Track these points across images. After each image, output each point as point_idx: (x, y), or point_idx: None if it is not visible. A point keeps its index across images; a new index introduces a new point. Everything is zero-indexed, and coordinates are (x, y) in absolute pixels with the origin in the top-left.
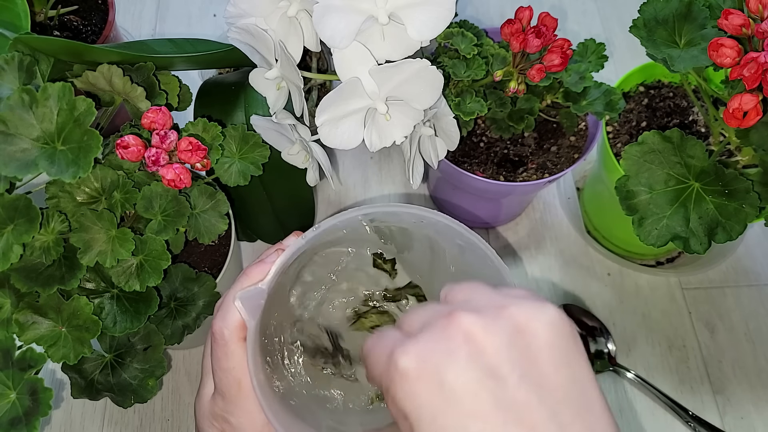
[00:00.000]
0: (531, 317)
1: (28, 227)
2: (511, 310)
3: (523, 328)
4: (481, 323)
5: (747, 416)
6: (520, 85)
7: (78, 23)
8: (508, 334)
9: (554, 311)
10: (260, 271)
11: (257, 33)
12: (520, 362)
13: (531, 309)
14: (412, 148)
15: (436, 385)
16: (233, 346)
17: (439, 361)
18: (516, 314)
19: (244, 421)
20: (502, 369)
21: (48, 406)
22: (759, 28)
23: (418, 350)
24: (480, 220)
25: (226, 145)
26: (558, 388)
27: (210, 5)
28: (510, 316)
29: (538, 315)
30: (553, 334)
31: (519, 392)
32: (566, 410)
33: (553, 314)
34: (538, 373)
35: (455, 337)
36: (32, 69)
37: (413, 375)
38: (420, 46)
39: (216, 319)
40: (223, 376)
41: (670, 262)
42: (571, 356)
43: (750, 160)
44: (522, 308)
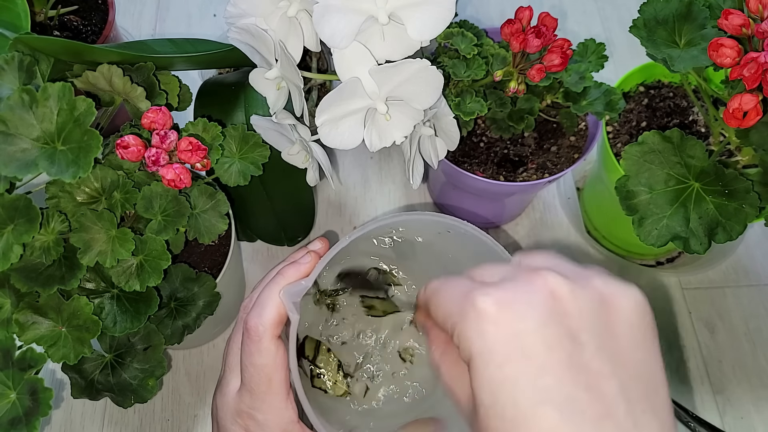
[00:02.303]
0: (617, 293)
1: (28, 227)
2: (598, 282)
3: (608, 301)
4: (568, 286)
5: (747, 416)
6: (520, 85)
7: (78, 23)
8: (593, 303)
9: (639, 294)
10: (296, 272)
11: (257, 33)
12: (600, 332)
13: (618, 286)
14: (412, 148)
15: (512, 332)
16: (267, 343)
17: (521, 310)
18: (603, 287)
19: (270, 418)
20: (582, 334)
21: (48, 406)
22: (759, 28)
23: (501, 295)
24: (480, 220)
25: (226, 145)
26: (632, 366)
27: (210, 5)
28: (597, 287)
29: (624, 292)
30: (636, 314)
31: (594, 360)
32: (636, 388)
33: (638, 296)
34: (616, 348)
35: (540, 292)
36: (32, 69)
37: (491, 317)
38: (420, 46)
39: (251, 314)
40: (254, 372)
41: (670, 262)
42: (648, 339)
43: (750, 160)
44: (609, 283)
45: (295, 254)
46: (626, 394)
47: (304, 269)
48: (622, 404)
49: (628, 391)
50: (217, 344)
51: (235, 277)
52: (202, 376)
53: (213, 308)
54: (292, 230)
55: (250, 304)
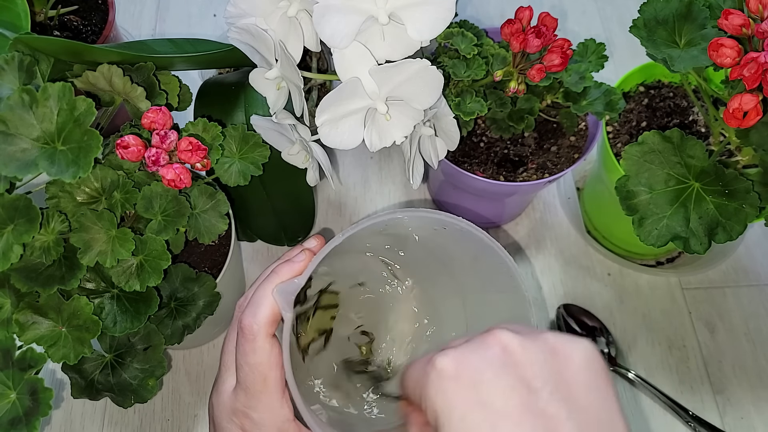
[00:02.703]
0: (566, 343)
1: (28, 227)
2: (547, 335)
3: (558, 351)
4: (518, 340)
5: (747, 416)
6: (520, 85)
7: (78, 23)
8: (543, 353)
9: (588, 343)
10: (290, 269)
11: (257, 33)
12: (553, 379)
13: (566, 338)
14: (412, 148)
15: (471, 386)
16: (261, 342)
17: (476, 365)
18: (552, 339)
19: (266, 417)
20: (535, 382)
21: (48, 406)
22: (759, 28)
23: (457, 355)
24: (480, 220)
25: (226, 145)
26: (587, 409)
27: (210, 5)
28: (546, 339)
29: (572, 343)
30: (586, 360)
31: (550, 405)
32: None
33: (586, 344)
34: (569, 392)
35: (493, 347)
36: (32, 69)
37: (449, 374)
38: (420, 46)
39: (245, 313)
40: (249, 371)
41: (670, 262)
42: (601, 382)
43: (750, 160)
44: (557, 337)
45: (290, 252)
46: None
47: (298, 267)
48: None
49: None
50: (217, 344)
51: (235, 277)
52: (202, 376)
53: (213, 308)
54: (292, 230)
55: (245, 303)
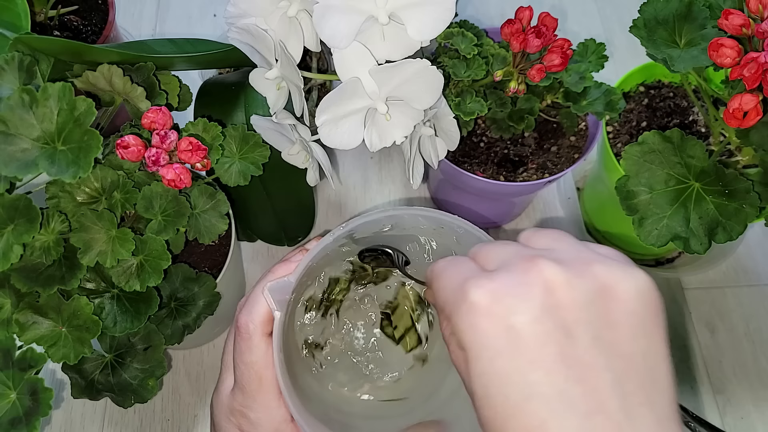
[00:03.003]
0: (619, 280)
1: (28, 227)
2: (598, 268)
3: (607, 289)
4: (564, 276)
5: (747, 416)
6: (520, 85)
7: (78, 23)
8: (590, 293)
9: (644, 278)
10: (286, 269)
11: (257, 33)
12: (596, 323)
13: (620, 272)
14: (412, 148)
15: (504, 327)
16: (257, 340)
17: (513, 304)
18: (603, 274)
19: (262, 416)
20: (576, 327)
21: (48, 406)
22: (759, 28)
23: (494, 287)
24: (480, 220)
25: (226, 145)
26: (629, 357)
27: (210, 5)
28: (596, 274)
29: (626, 278)
30: (638, 301)
31: (588, 353)
32: (632, 380)
33: (642, 281)
34: (613, 338)
35: (534, 284)
36: (32, 69)
37: (483, 310)
38: (420, 46)
39: (242, 312)
40: (245, 370)
41: (670, 262)
42: (651, 328)
43: (750, 160)
44: (611, 269)
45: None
46: (621, 386)
47: (293, 266)
48: (615, 397)
49: (624, 384)
50: (217, 344)
51: (235, 277)
52: (202, 376)
53: (213, 308)
54: (292, 230)
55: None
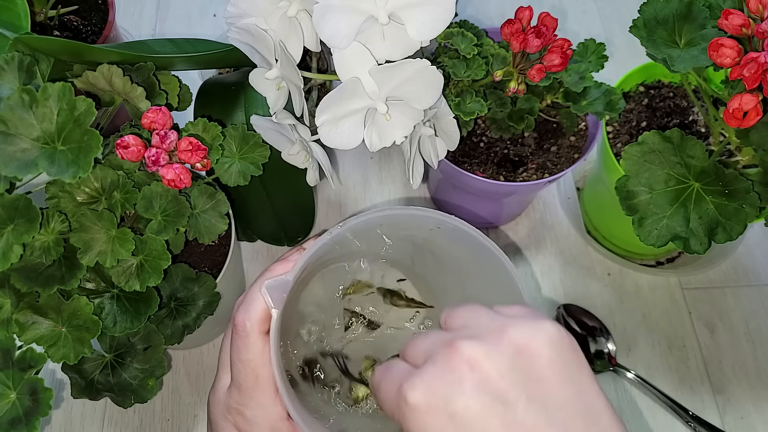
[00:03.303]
0: (530, 337)
1: (28, 227)
2: (510, 332)
3: (523, 349)
4: (482, 350)
5: (747, 416)
6: (520, 85)
7: (78, 23)
8: (510, 358)
9: (552, 327)
10: (283, 267)
11: (257, 33)
12: (525, 384)
13: (529, 328)
14: (412, 148)
15: (447, 417)
16: (254, 338)
17: (447, 393)
18: (515, 336)
19: (258, 414)
20: (508, 394)
21: (48, 406)
22: (759, 28)
23: (425, 384)
24: (480, 220)
25: (226, 145)
26: (565, 405)
27: (210, 5)
28: (510, 338)
29: (537, 333)
30: (554, 350)
31: (528, 415)
32: (575, 426)
33: (551, 331)
34: (544, 393)
35: (459, 367)
36: (32, 69)
37: (423, 409)
38: (420, 46)
39: (239, 311)
40: (241, 368)
41: (670, 262)
42: (574, 370)
43: (750, 160)
44: (520, 329)
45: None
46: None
47: (290, 265)
48: None
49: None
50: (217, 344)
51: (235, 277)
52: (202, 376)
53: (213, 308)
54: (292, 230)
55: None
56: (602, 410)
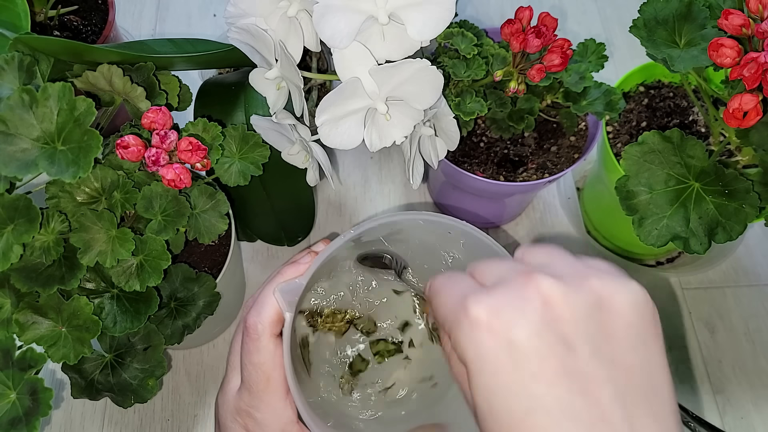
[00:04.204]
0: (614, 292)
1: (28, 227)
2: (594, 282)
3: (604, 302)
4: (561, 290)
5: (747, 416)
6: (520, 85)
7: (78, 23)
8: (587, 306)
9: (639, 290)
10: (295, 270)
11: (257, 33)
12: (595, 336)
13: (615, 284)
14: (412, 148)
15: (505, 342)
16: (265, 341)
17: (513, 319)
18: (599, 287)
19: (268, 417)
20: (575, 340)
21: (48, 406)
22: (759, 28)
23: (493, 302)
24: (480, 220)
25: (226, 145)
26: (629, 368)
27: (210, 5)
28: (592, 287)
29: (622, 291)
30: (634, 313)
31: (589, 365)
32: (633, 390)
33: (637, 293)
34: (612, 350)
35: (533, 299)
36: (32, 69)
37: (483, 326)
38: (420, 46)
39: (250, 313)
40: (252, 370)
41: (670, 262)
42: (648, 338)
43: (750, 160)
44: (606, 282)
45: (298, 255)
46: (623, 398)
47: (302, 268)
48: (618, 409)
49: (625, 395)
50: (217, 344)
51: (235, 277)
52: (202, 376)
53: (213, 308)
54: (292, 230)
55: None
56: (664, 385)
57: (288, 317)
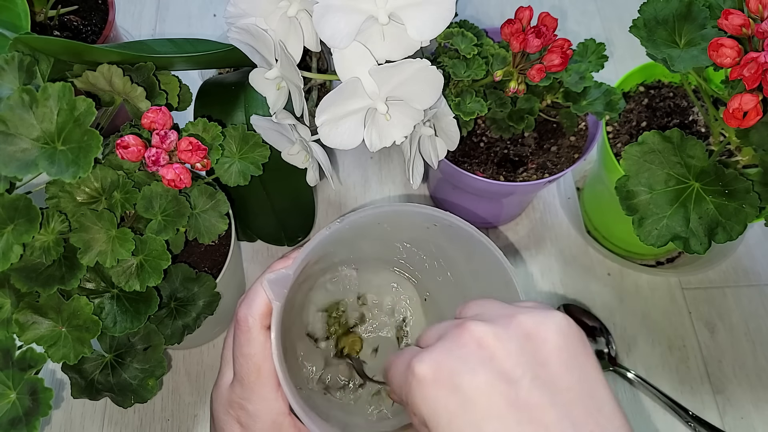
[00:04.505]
0: (539, 323)
1: (28, 227)
2: (520, 318)
3: (532, 333)
4: (491, 331)
5: (747, 416)
6: (520, 85)
7: (78, 23)
8: (518, 340)
9: (561, 317)
10: (284, 264)
11: (257, 33)
12: (530, 366)
13: (539, 316)
14: (412, 148)
15: (451, 389)
16: (256, 333)
17: (453, 367)
18: (524, 321)
19: (260, 408)
20: (514, 372)
21: (48, 406)
22: (759, 28)
23: (433, 358)
24: (480, 220)
25: (226, 145)
26: (569, 389)
27: (210, 5)
28: (519, 323)
29: (545, 321)
30: (561, 337)
31: (532, 394)
32: (578, 410)
33: (560, 320)
34: (549, 376)
35: (468, 344)
36: (32, 69)
37: (429, 380)
38: (420, 46)
39: (241, 306)
40: (243, 362)
41: (670, 262)
42: (580, 358)
43: (750, 160)
44: (530, 316)
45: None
46: (569, 418)
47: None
48: (568, 429)
49: (571, 415)
50: (217, 344)
51: (235, 277)
52: (202, 376)
53: (213, 308)
54: (292, 230)
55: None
56: (605, 398)
57: (276, 306)
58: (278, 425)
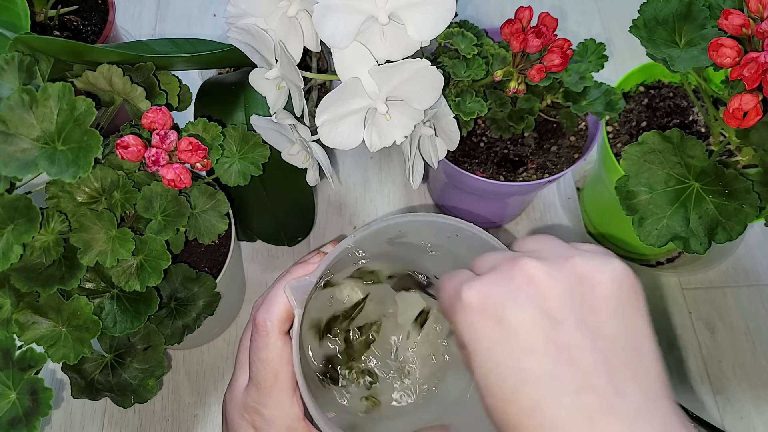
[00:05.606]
0: (594, 268)
1: (28, 227)
2: (576, 260)
3: (585, 277)
4: (544, 269)
5: (747, 416)
6: (520, 85)
7: (78, 23)
8: (569, 282)
9: (619, 265)
10: (304, 269)
11: (257, 33)
12: (577, 309)
13: (595, 261)
14: (412, 148)
15: (495, 320)
16: (274, 338)
17: (500, 299)
18: (580, 264)
19: (276, 413)
20: (559, 313)
21: (48, 406)
22: (759, 28)
23: (482, 287)
24: (480, 220)
25: (226, 145)
26: (612, 337)
27: (210, 5)
28: (574, 265)
29: (602, 267)
30: (615, 285)
31: (573, 336)
32: (617, 358)
33: (617, 268)
34: (595, 322)
35: (518, 279)
36: (32, 69)
37: (475, 308)
38: (420, 46)
39: (260, 310)
40: (261, 367)
41: (670, 262)
42: (630, 308)
43: (750, 160)
44: (587, 259)
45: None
46: (607, 364)
47: (312, 267)
48: (603, 375)
49: (609, 361)
50: (217, 344)
51: (235, 277)
52: (202, 376)
53: (213, 308)
54: (292, 230)
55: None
56: (647, 350)
57: (298, 313)
58: (293, 430)
